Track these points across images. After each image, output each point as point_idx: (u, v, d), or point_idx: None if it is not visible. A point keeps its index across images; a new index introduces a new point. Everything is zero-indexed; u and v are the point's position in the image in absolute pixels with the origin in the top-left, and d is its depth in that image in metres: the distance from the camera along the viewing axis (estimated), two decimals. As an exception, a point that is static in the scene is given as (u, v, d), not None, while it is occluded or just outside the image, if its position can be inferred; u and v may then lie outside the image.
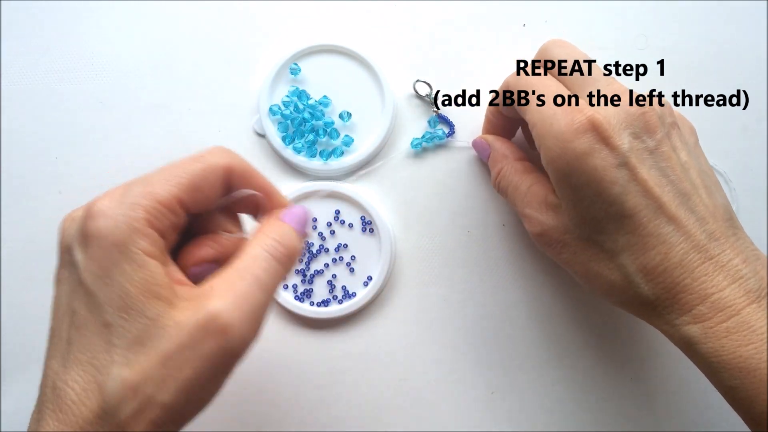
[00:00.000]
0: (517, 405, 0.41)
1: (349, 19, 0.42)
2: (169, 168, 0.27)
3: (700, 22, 0.41)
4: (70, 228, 0.27)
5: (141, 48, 0.43)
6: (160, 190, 0.26)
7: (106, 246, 0.24)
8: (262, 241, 0.27)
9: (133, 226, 0.24)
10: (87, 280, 0.24)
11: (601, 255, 0.31)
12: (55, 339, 0.26)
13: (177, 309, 0.24)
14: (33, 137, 0.43)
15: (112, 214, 0.25)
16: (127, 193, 0.26)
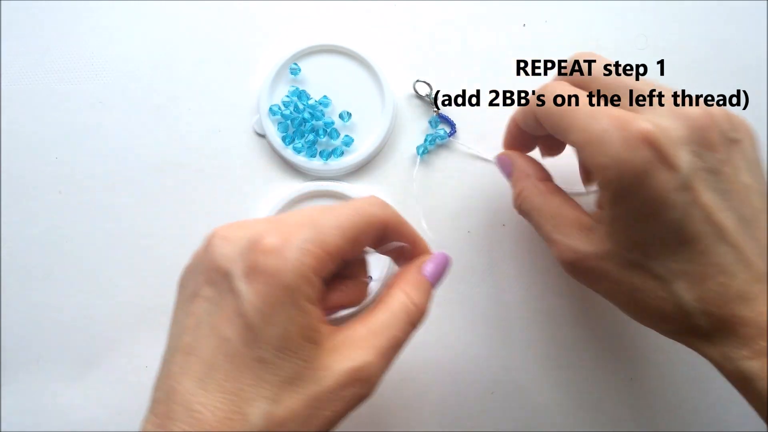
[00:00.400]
0: (517, 405, 0.41)
1: (349, 19, 0.42)
2: (334, 214, 0.27)
3: (700, 22, 0.41)
4: (228, 251, 0.26)
5: (141, 48, 0.43)
6: (329, 239, 0.26)
7: (276, 286, 0.25)
8: (402, 300, 0.29)
9: (303, 273, 0.25)
10: (249, 314, 0.24)
11: (650, 283, 0.28)
12: (191, 357, 0.25)
13: (327, 354, 0.26)
14: (33, 137, 0.43)
15: (286, 256, 0.25)
16: (297, 235, 0.25)
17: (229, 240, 0.27)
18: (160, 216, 0.43)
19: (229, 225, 0.28)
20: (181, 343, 0.26)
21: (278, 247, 0.25)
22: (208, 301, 0.26)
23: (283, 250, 0.25)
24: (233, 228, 0.27)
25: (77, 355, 0.43)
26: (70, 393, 0.43)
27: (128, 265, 0.43)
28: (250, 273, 0.25)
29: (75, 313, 0.43)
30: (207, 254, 0.27)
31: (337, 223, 0.26)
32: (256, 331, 0.24)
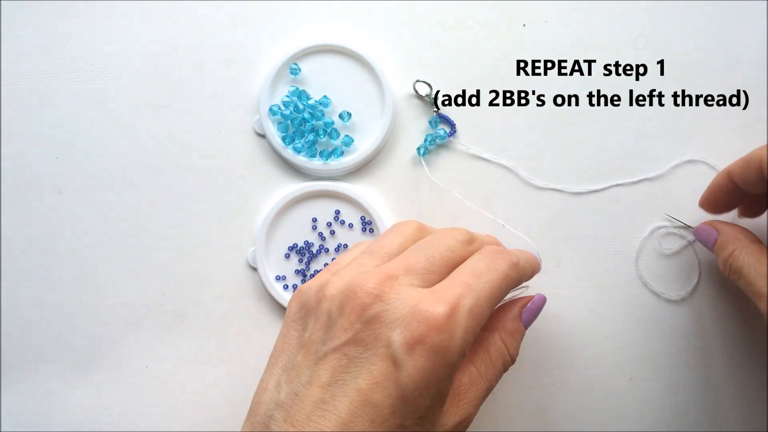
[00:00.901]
0: (516, 405, 0.41)
1: (349, 19, 0.42)
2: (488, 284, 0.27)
3: (700, 22, 0.41)
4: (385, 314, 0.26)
5: (141, 48, 0.43)
6: (485, 315, 0.27)
7: (440, 364, 0.25)
8: (501, 350, 0.30)
9: (463, 352, 0.26)
10: (407, 386, 0.25)
11: None
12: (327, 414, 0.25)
13: (444, 412, 0.27)
14: (33, 137, 0.43)
15: (453, 335, 0.25)
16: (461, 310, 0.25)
17: (384, 301, 0.26)
18: (160, 216, 0.43)
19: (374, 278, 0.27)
20: (311, 394, 0.25)
21: (447, 324, 0.25)
22: (352, 360, 0.25)
23: (452, 327, 0.25)
24: (384, 285, 0.26)
25: (77, 355, 0.43)
26: (70, 393, 0.43)
27: (128, 265, 0.43)
28: (416, 345, 0.24)
29: (75, 313, 0.43)
30: (355, 311, 0.26)
31: (491, 296, 0.27)
32: (409, 402, 0.24)
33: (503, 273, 0.28)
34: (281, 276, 0.41)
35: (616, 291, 0.41)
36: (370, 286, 0.26)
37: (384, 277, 0.27)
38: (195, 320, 0.42)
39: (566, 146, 0.41)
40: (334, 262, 0.32)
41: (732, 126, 0.41)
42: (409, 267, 0.28)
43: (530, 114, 0.41)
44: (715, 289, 0.40)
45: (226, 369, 0.42)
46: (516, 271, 0.29)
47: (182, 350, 0.42)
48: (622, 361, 0.41)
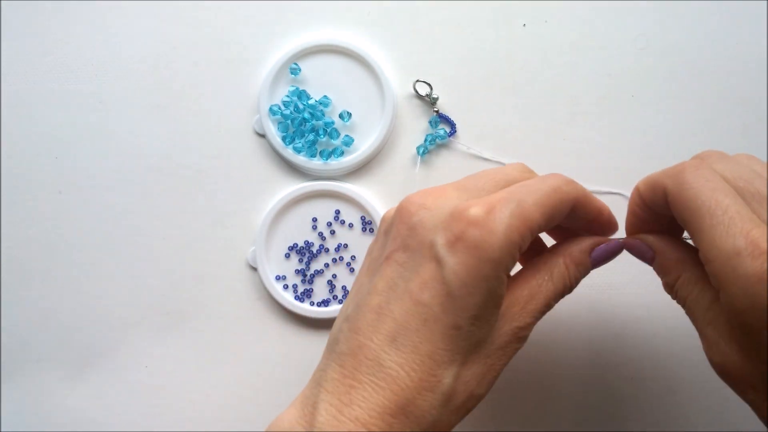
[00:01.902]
0: (516, 405, 0.41)
1: (349, 19, 0.42)
2: (534, 191, 0.27)
3: (700, 22, 0.41)
4: (428, 218, 0.27)
5: (141, 48, 0.43)
6: (532, 216, 0.26)
7: (482, 259, 0.25)
8: (563, 273, 0.30)
9: (508, 248, 0.25)
10: (452, 282, 0.25)
11: None
12: (383, 317, 0.26)
13: (502, 315, 0.27)
14: (33, 137, 0.43)
15: (493, 230, 0.25)
16: (503, 209, 0.26)
17: (428, 208, 0.27)
18: (160, 216, 0.43)
19: (423, 193, 0.28)
20: (370, 303, 0.27)
21: (485, 220, 0.25)
22: (402, 266, 0.27)
23: (491, 224, 0.25)
24: (430, 196, 0.28)
25: (77, 355, 0.43)
26: (70, 393, 0.43)
27: (128, 265, 0.43)
28: (456, 242, 0.25)
29: (75, 313, 0.43)
30: (403, 221, 0.27)
31: (538, 201, 0.27)
32: (457, 300, 0.25)
33: (553, 185, 0.28)
34: (281, 276, 0.41)
35: (616, 291, 0.41)
36: (417, 198, 0.28)
37: (432, 191, 0.28)
38: (195, 320, 0.42)
39: (567, 146, 0.41)
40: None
41: (732, 126, 0.41)
42: (461, 185, 0.29)
43: (530, 113, 0.41)
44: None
45: (226, 369, 0.42)
46: (572, 188, 0.28)
47: (182, 350, 0.42)
48: (622, 361, 0.41)
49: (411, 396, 0.25)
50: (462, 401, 0.26)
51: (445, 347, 0.25)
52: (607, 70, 0.41)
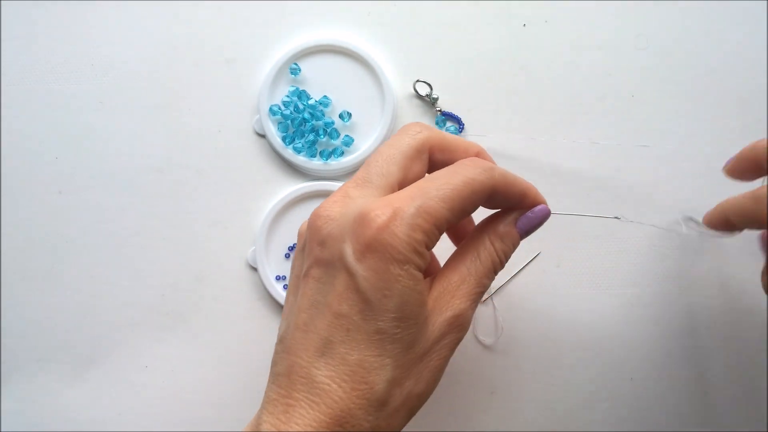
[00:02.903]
0: (517, 405, 0.41)
1: (349, 19, 0.42)
2: (442, 185, 0.27)
3: (700, 22, 0.41)
4: (335, 229, 0.27)
5: (141, 48, 0.43)
6: (438, 213, 0.26)
7: (389, 261, 0.25)
8: (490, 251, 0.30)
9: (414, 247, 0.26)
10: (366, 290, 0.25)
11: None
12: (309, 334, 0.27)
13: (431, 310, 0.28)
14: (33, 137, 0.43)
15: (398, 233, 0.25)
16: (406, 209, 0.26)
17: (334, 218, 0.27)
18: (160, 216, 0.43)
19: (329, 202, 0.28)
20: (297, 321, 0.27)
21: (389, 224, 0.25)
22: (319, 281, 0.27)
23: (394, 227, 0.25)
24: (336, 204, 0.28)
25: (77, 355, 0.43)
26: (70, 393, 0.43)
27: (128, 265, 0.43)
28: (364, 250, 0.26)
29: (75, 313, 0.43)
30: (314, 237, 0.28)
31: (445, 196, 0.27)
32: (374, 306, 0.25)
33: (466, 177, 0.28)
34: (281, 276, 0.41)
35: (617, 291, 0.41)
36: (323, 210, 0.28)
37: (337, 198, 0.28)
38: (195, 320, 0.42)
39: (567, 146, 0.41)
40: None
41: (732, 126, 0.41)
42: (362, 179, 0.29)
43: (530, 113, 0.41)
44: (715, 288, 0.40)
45: (226, 369, 0.42)
46: (487, 176, 0.28)
47: (182, 350, 0.42)
48: (622, 361, 0.41)
49: (346, 407, 0.25)
50: (400, 403, 0.27)
51: (372, 354, 0.26)
52: (607, 70, 0.41)
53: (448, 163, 0.30)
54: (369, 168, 0.29)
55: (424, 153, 0.30)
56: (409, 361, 0.27)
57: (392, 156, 0.29)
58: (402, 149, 0.29)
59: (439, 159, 0.31)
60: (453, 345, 0.28)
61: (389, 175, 0.29)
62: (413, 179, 0.29)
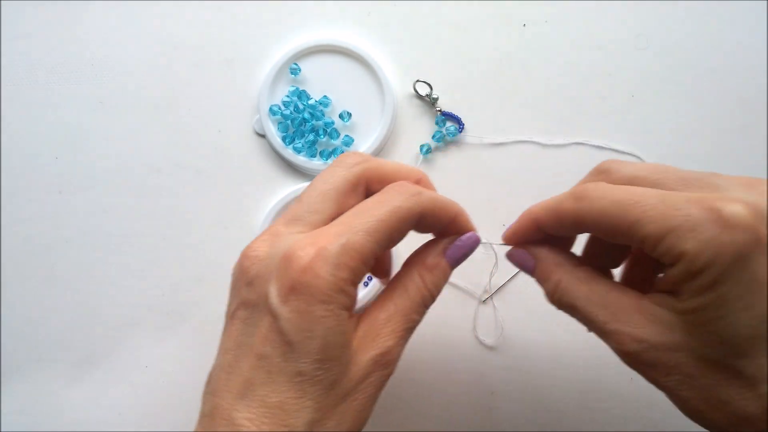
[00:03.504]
0: (517, 405, 0.41)
1: (349, 19, 0.42)
2: (367, 218, 0.27)
3: (700, 22, 0.41)
4: (261, 271, 0.27)
5: (141, 48, 0.43)
6: (363, 248, 0.26)
7: (313, 303, 0.25)
8: (419, 285, 0.29)
9: (339, 286, 0.25)
10: (289, 332, 0.25)
11: (734, 382, 0.24)
12: (232, 375, 0.26)
13: (356, 349, 0.27)
14: (33, 137, 0.43)
15: (322, 274, 0.25)
16: (330, 248, 0.25)
17: (261, 259, 0.27)
18: (160, 216, 0.43)
19: (258, 241, 0.28)
20: (222, 362, 0.27)
21: (312, 264, 0.25)
22: (244, 322, 0.27)
23: (317, 268, 0.25)
24: (264, 243, 0.27)
25: (77, 355, 0.43)
26: (70, 393, 0.43)
27: (128, 265, 0.43)
28: (288, 292, 0.25)
29: (75, 313, 0.43)
30: (241, 277, 0.27)
31: (371, 228, 0.26)
32: (296, 348, 0.25)
33: (392, 205, 0.27)
34: (281, 276, 0.41)
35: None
36: (250, 251, 0.27)
37: (266, 237, 0.28)
38: (195, 320, 0.42)
39: (567, 146, 0.41)
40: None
41: (732, 126, 0.41)
42: (292, 216, 0.28)
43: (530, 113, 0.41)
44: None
45: (226, 369, 0.42)
46: (414, 202, 0.27)
47: (182, 350, 0.42)
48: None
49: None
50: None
51: (292, 396, 0.25)
52: (607, 70, 0.41)
53: None
54: (301, 204, 0.28)
55: (360, 186, 0.29)
56: (331, 402, 0.26)
57: (326, 192, 0.28)
58: (336, 184, 0.28)
59: (377, 190, 0.29)
60: (379, 383, 0.28)
61: (322, 211, 0.28)
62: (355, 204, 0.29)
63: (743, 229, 0.22)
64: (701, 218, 0.23)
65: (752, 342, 0.24)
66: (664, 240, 0.24)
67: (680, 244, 0.23)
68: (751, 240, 0.22)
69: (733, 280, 0.23)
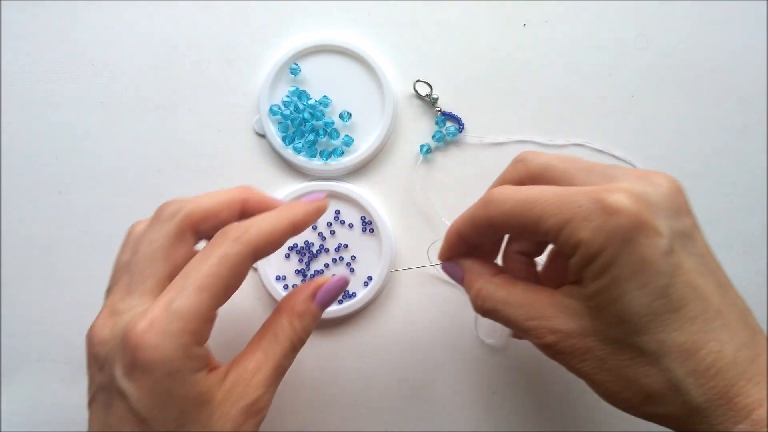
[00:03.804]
0: (517, 405, 0.41)
1: (349, 19, 0.42)
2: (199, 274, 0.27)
3: (700, 22, 0.41)
4: (105, 354, 0.27)
5: (141, 48, 0.43)
6: (201, 309, 0.26)
7: (160, 376, 0.25)
8: (288, 332, 0.30)
9: (183, 353, 0.25)
10: (141, 410, 0.25)
11: (639, 360, 0.26)
12: None
13: (222, 402, 0.27)
14: (33, 137, 0.43)
15: (162, 347, 0.25)
16: (165, 317, 0.25)
17: (104, 342, 0.27)
18: (160, 216, 0.43)
19: (100, 322, 0.28)
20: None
21: (147, 339, 0.25)
22: (102, 406, 0.27)
23: (154, 341, 0.25)
24: (106, 326, 0.27)
25: (77, 355, 0.43)
26: (70, 393, 0.43)
27: (128, 265, 0.43)
28: (132, 371, 0.25)
29: (75, 313, 0.43)
30: (92, 361, 0.28)
31: (202, 285, 0.26)
32: (150, 422, 0.25)
33: (219, 256, 0.27)
34: (281, 276, 0.41)
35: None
36: (95, 335, 0.28)
37: (106, 317, 0.28)
38: (195, 320, 0.42)
39: (567, 146, 0.41)
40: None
41: (732, 126, 0.41)
42: (126, 287, 0.28)
43: (530, 113, 0.41)
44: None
45: (226, 369, 0.42)
46: (240, 247, 0.28)
47: (182, 350, 0.42)
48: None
49: None
50: None
51: None
52: (607, 70, 0.41)
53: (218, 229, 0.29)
54: (132, 274, 0.28)
55: (186, 234, 0.29)
56: None
57: (151, 253, 0.28)
58: (160, 243, 0.28)
59: (206, 230, 0.30)
60: (253, 430, 0.28)
61: (153, 275, 0.28)
62: (183, 264, 0.28)
63: (626, 215, 0.24)
64: (591, 208, 0.25)
65: (649, 319, 0.25)
66: (563, 231, 0.26)
67: (577, 233, 0.25)
68: (633, 224, 0.24)
69: (623, 262, 0.25)
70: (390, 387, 0.41)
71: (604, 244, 0.25)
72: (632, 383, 0.26)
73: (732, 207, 0.40)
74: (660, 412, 0.26)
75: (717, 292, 0.26)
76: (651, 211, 0.25)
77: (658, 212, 0.25)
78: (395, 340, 0.41)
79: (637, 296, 0.25)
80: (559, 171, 0.28)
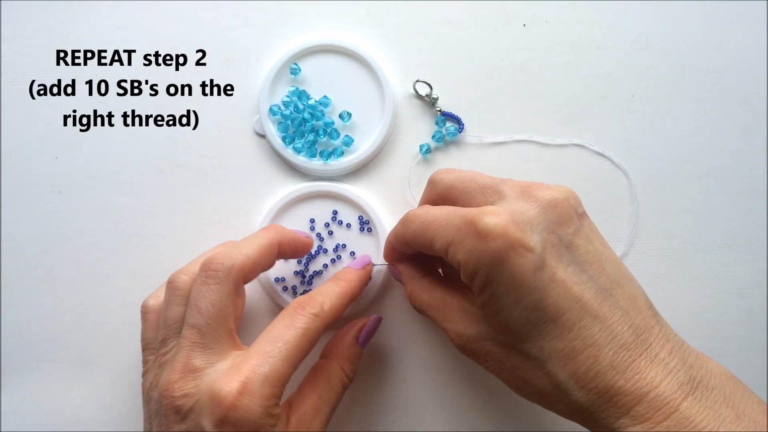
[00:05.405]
0: (517, 405, 0.41)
1: (349, 19, 0.42)
2: (282, 344, 0.30)
3: (700, 22, 0.41)
4: (192, 404, 0.29)
5: (141, 48, 0.43)
6: (285, 375, 0.30)
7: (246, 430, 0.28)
8: (340, 376, 0.34)
9: (268, 413, 0.29)
10: None
11: (527, 363, 0.29)
12: None
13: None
14: (33, 137, 0.43)
15: (253, 409, 0.28)
16: (255, 381, 0.29)
17: (190, 396, 0.29)
18: (160, 216, 0.43)
19: (180, 378, 0.30)
20: None
21: (240, 400, 0.28)
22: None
23: (246, 401, 0.28)
24: (188, 381, 0.30)
25: (77, 355, 0.43)
26: (70, 393, 0.43)
27: (128, 265, 0.43)
28: (222, 424, 0.28)
29: (75, 313, 0.43)
30: (170, 412, 0.29)
31: (288, 356, 0.30)
32: None
33: (299, 329, 0.31)
34: (280, 277, 0.41)
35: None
36: (178, 389, 0.30)
37: (183, 373, 0.30)
38: (195, 320, 0.42)
39: (567, 146, 0.41)
40: (161, 342, 0.34)
41: (732, 126, 0.41)
42: (201, 345, 0.31)
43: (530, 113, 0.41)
44: (713, 288, 0.40)
45: (226, 369, 0.42)
46: (322, 319, 0.32)
47: (182, 350, 0.42)
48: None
49: None
50: None
51: None
52: (607, 70, 0.41)
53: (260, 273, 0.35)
54: (203, 333, 0.31)
55: (240, 286, 0.33)
56: None
57: (218, 312, 0.31)
58: (224, 302, 0.31)
59: (252, 277, 0.34)
60: None
61: (225, 333, 0.31)
62: (241, 309, 0.33)
63: (494, 237, 0.27)
64: (465, 232, 0.28)
65: (529, 328, 0.28)
66: (448, 252, 0.29)
67: (456, 255, 0.28)
68: (502, 246, 0.27)
69: (498, 281, 0.27)
70: (390, 387, 0.41)
71: (477, 266, 0.27)
72: (527, 383, 0.29)
73: (732, 207, 0.40)
74: (556, 409, 0.29)
75: (596, 297, 0.28)
76: (522, 229, 0.27)
77: (531, 228, 0.27)
78: (394, 339, 0.41)
79: (514, 310, 0.27)
80: (459, 191, 0.32)
